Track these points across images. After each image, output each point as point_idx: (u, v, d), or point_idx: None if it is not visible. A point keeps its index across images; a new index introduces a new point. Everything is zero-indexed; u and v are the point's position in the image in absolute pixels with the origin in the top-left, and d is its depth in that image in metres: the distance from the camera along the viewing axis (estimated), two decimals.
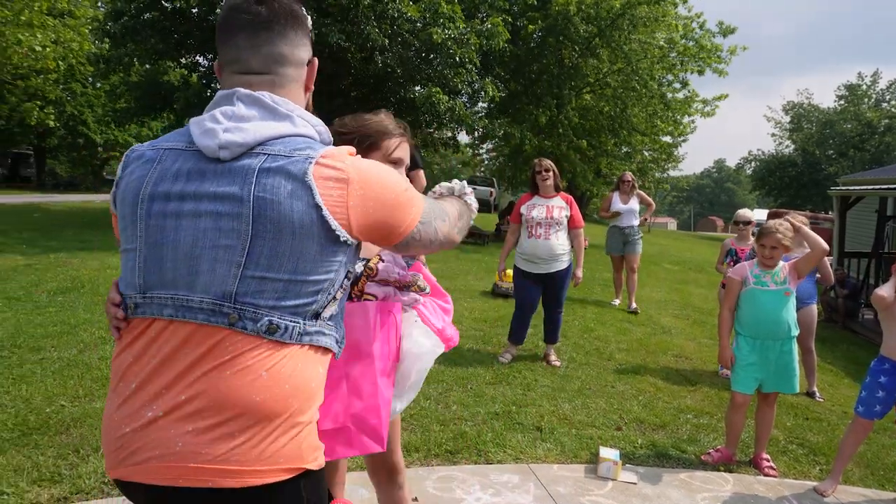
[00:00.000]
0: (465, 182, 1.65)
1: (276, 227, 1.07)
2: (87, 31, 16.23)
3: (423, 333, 1.75)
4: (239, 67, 1.19)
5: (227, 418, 1.06)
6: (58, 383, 3.66)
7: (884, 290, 3.20)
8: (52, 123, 19.56)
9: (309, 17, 1.26)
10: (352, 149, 1.18)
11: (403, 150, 1.80)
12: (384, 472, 1.98)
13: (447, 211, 1.35)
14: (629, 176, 7.66)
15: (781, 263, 3.48)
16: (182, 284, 1.10)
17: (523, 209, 4.93)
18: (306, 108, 1.25)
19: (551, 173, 4.89)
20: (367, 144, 1.73)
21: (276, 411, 1.09)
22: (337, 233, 1.11)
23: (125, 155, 1.23)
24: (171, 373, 1.08)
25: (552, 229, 4.81)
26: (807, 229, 3.56)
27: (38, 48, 13.75)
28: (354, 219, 1.13)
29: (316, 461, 1.17)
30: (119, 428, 1.11)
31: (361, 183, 1.14)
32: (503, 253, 5.25)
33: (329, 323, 1.19)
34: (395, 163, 1.77)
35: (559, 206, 4.85)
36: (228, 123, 1.12)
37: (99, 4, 19.91)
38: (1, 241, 8.81)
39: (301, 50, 1.23)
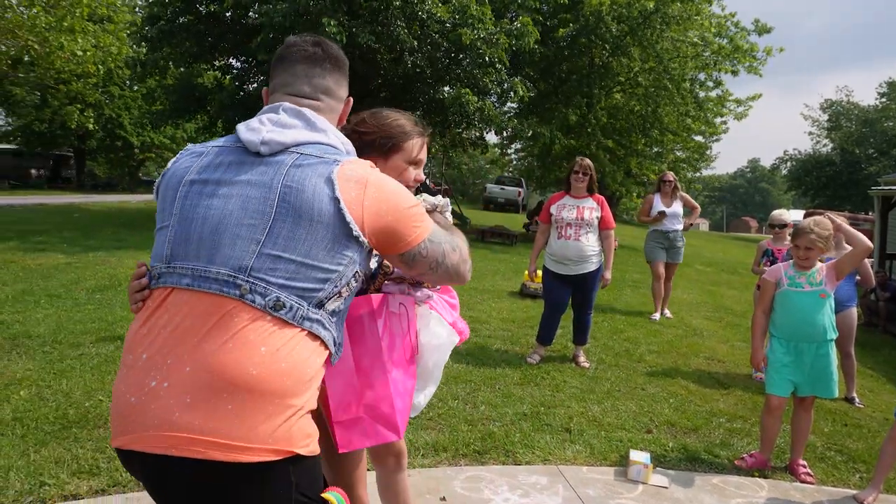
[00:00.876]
0: (447, 200, 1.77)
1: (296, 212, 1.19)
2: (125, 35, 16.65)
3: (437, 323, 1.75)
4: (291, 90, 1.39)
5: (224, 391, 1.11)
6: (96, 378, 3.77)
7: None
8: (91, 126, 20.17)
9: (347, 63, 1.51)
10: (371, 163, 1.34)
11: (425, 151, 1.80)
12: (392, 457, 1.97)
13: (459, 245, 1.44)
14: (671, 176, 7.03)
15: (819, 265, 3.38)
16: (203, 256, 1.20)
17: (553, 209, 4.88)
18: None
19: (588, 176, 4.82)
20: (389, 146, 1.71)
21: (271, 388, 1.13)
22: (350, 226, 1.22)
23: (180, 152, 1.40)
24: (179, 343, 1.15)
25: (582, 230, 4.75)
26: (848, 227, 3.46)
27: (79, 53, 14.14)
28: (367, 217, 1.24)
29: (307, 447, 1.20)
30: (125, 397, 1.16)
31: (377, 188, 1.27)
32: (533, 253, 5.20)
33: (331, 318, 1.27)
34: (417, 163, 1.77)
35: (590, 207, 4.79)
36: (272, 126, 1.29)
37: (137, 9, 20.43)
38: (43, 240, 9.10)
39: (342, 88, 1.47)
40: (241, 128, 1.31)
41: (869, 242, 3.31)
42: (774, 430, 3.44)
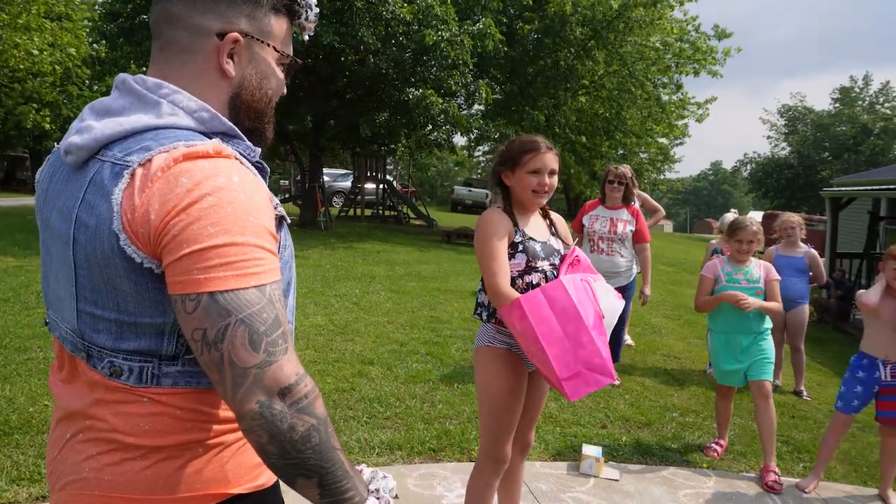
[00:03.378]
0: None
1: (86, 256, 0.88)
2: (83, 34, 16.25)
3: (609, 293, 2.12)
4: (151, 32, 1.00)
5: (124, 445, 0.93)
6: (41, 383, 3.66)
7: (871, 299, 3.17)
8: (48, 126, 19.56)
9: None
10: (218, 145, 0.89)
11: (540, 161, 2.15)
12: (518, 447, 2.35)
13: (285, 344, 0.86)
14: (628, 171, 5.93)
15: (755, 261, 3.51)
16: (58, 308, 0.99)
17: (586, 220, 4.58)
18: (245, 108, 1.02)
19: (624, 186, 4.51)
20: (514, 161, 2.17)
21: (174, 439, 0.93)
22: (147, 265, 0.85)
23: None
24: (77, 397, 0.98)
25: (615, 245, 4.50)
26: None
27: (34, 52, 13.75)
28: (152, 241, 0.84)
29: (253, 482, 1.00)
30: (52, 452, 1.03)
31: (183, 196, 0.82)
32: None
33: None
34: (535, 172, 2.14)
35: (624, 220, 4.50)
36: (88, 120, 0.94)
37: (96, 7, 19.95)
38: None
39: (207, 16, 0.95)
40: None
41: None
42: (726, 413, 3.63)
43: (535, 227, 2.23)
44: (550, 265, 2.15)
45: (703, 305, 3.57)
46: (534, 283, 2.11)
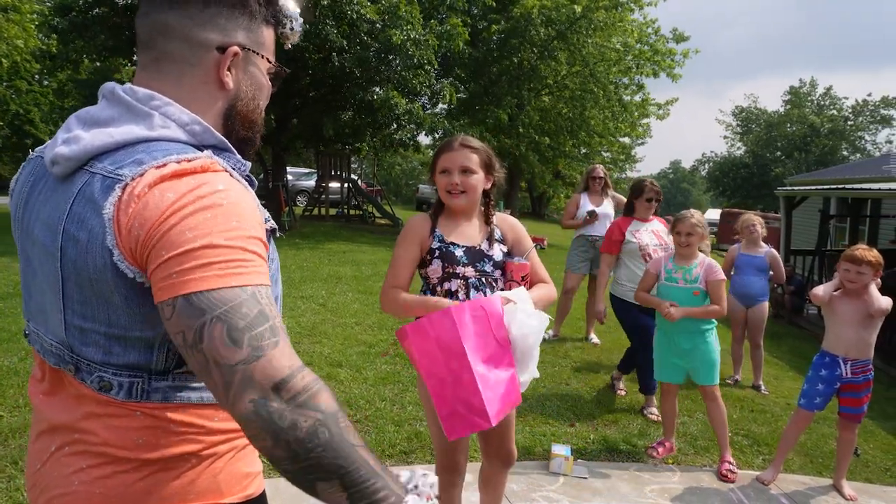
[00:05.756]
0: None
1: (76, 269, 0.87)
2: (32, 27, 15.64)
3: (526, 315, 1.89)
4: (137, 42, 0.99)
5: (116, 458, 0.92)
6: None
7: (820, 290, 3.32)
8: None
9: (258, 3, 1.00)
10: (208, 160, 0.88)
11: (448, 160, 2.06)
12: (499, 459, 2.31)
13: (274, 338, 0.81)
14: (601, 170, 5.67)
15: (700, 258, 3.39)
16: (41, 321, 0.98)
17: (629, 234, 4.25)
18: (241, 119, 1.03)
19: (658, 203, 4.28)
20: (432, 169, 2.14)
21: (168, 452, 0.93)
22: (138, 280, 0.85)
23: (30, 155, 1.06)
24: (63, 409, 0.97)
25: (663, 253, 4.22)
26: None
27: None
28: (139, 255, 0.84)
29: (243, 491, 1.00)
30: (33, 465, 1.00)
31: (166, 208, 0.82)
32: (600, 291, 4.53)
33: (192, 376, 0.94)
34: (444, 171, 2.07)
35: (663, 230, 4.32)
36: (76, 130, 0.92)
37: (46, 0, 19.24)
38: None
39: (207, 29, 0.95)
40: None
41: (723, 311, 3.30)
42: (671, 412, 3.58)
43: (464, 231, 2.10)
44: (476, 271, 2.05)
45: (639, 300, 3.63)
46: (452, 289, 2.04)
